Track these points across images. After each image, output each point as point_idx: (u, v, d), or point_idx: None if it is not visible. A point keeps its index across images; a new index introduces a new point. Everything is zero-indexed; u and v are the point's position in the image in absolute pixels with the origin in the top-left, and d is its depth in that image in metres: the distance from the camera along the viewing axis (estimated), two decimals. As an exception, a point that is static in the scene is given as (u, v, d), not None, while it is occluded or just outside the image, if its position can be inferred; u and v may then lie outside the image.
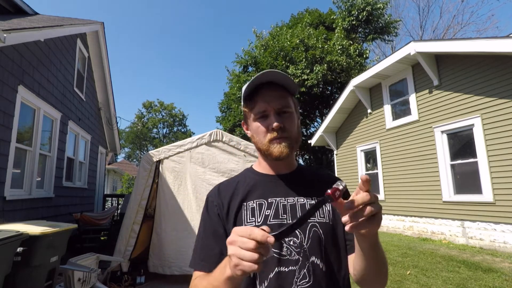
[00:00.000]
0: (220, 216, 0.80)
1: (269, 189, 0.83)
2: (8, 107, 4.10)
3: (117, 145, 11.41)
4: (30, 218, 4.66)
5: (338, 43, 13.48)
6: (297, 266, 0.73)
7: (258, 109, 0.80)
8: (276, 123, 0.77)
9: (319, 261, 0.75)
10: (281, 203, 0.80)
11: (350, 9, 15.08)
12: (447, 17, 38.40)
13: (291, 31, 15.20)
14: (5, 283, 2.41)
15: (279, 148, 0.78)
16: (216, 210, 0.81)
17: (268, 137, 0.79)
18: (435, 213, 6.84)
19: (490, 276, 3.97)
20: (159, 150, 4.38)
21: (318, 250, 0.75)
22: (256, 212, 0.79)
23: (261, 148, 0.82)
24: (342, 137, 10.52)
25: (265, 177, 0.86)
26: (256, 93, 0.81)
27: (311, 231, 0.77)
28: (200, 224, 0.84)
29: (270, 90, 0.81)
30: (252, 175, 0.88)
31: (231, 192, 0.84)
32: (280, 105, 0.80)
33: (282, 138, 0.79)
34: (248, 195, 0.82)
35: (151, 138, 44.70)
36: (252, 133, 0.85)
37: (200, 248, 0.79)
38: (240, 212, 0.80)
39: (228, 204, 0.81)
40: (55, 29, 4.91)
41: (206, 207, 0.85)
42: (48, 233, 2.73)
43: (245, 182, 0.86)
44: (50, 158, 5.68)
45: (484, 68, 5.92)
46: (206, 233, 0.80)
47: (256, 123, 0.82)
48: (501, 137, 5.57)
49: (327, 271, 0.75)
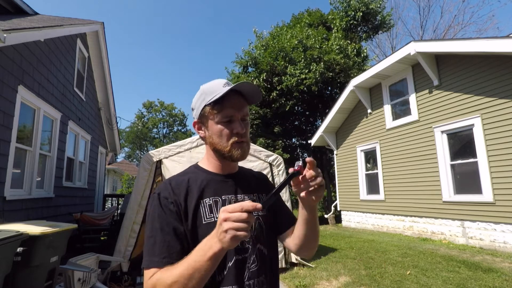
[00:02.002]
0: (178, 214, 0.81)
1: (221, 188, 0.90)
2: (8, 107, 4.10)
3: (117, 145, 11.41)
4: (30, 218, 4.67)
5: (336, 43, 13.50)
6: (248, 253, 0.84)
7: (226, 114, 0.86)
8: (241, 129, 0.86)
9: (262, 247, 0.88)
10: (233, 200, 0.89)
11: (346, 9, 15.15)
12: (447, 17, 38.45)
13: (291, 32, 15.20)
14: (5, 283, 2.41)
15: (240, 151, 0.87)
16: (173, 207, 0.81)
17: (231, 140, 0.86)
18: (435, 213, 6.84)
19: (490, 276, 3.97)
20: (159, 150, 4.38)
21: (261, 238, 0.89)
22: (213, 209, 0.85)
23: (221, 150, 0.88)
24: (342, 137, 10.51)
25: (217, 176, 0.92)
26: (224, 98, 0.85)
27: (256, 223, 0.89)
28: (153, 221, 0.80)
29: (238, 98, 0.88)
30: (204, 174, 0.93)
31: (184, 189, 0.86)
32: (245, 113, 0.89)
33: (242, 142, 0.87)
34: (204, 192, 0.87)
35: (151, 138, 44.71)
36: (210, 134, 0.90)
37: (160, 245, 0.76)
38: (199, 209, 0.83)
39: (184, 201, 0.83)
40: (55, 29, 4.91)
41: (159, 204, 0.82)
42: (48, 233, 2.73)
43: (197, 180, 0.89)
44: (50, 158, 5.68)
45: (484, 68, 5.92)
46: (164, 230, 0.78)
47: (219, 126, 0.87)
48: (501, 137, 5.57)
49: (269, 254, 0.90)
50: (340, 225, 10.46)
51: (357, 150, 9.62)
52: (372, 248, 5.92)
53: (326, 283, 3.96)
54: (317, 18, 16.61)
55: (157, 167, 4.31)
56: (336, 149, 10.81)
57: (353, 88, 9.01)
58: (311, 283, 3.96)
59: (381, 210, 8.46)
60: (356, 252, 5.67)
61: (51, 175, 5.69)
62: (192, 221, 0.81)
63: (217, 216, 0.80)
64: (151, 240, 0.78)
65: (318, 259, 5.18)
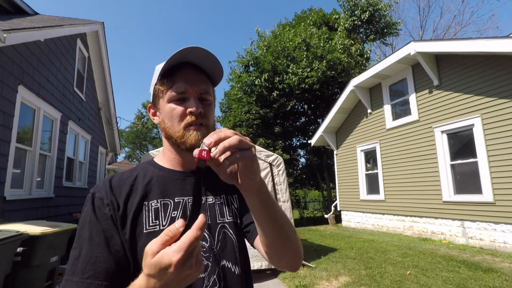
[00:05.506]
0: (114, 219, 0.64)
1: (175, 187, 0.71)
2: (8, 107, 4.10)
3: (117, 145, 11.42)
4: (30, 218, 4.67)
5: (340, 42, 13.49)
6: (206, 273, 0.65)
7: (177, 89, 0.69)
8: (196, 107, 0.67)
9: (231, 265, 0.68)
10: (189, 203, 0.69)
11: (353, 9, 15.13)
12: (447, 17, 38.46)
13: (294, 31, 15.19)
14: (5, 283, 2.41)
15: (196, 135, 0.67)
16: (108, 210, 0.64)
17: (184, 121, 0.68)
18: (435, 213, 6.84)
19: (490, 276, 3.97)
20: (159, 150, 4.38)
21: (230, 252, 0.69)
22: (160, 214, 0.67)
23: (172, 136, 0.69)
24: (342, 137, 10.51)
25: (171, 173, 0.74)
26: (176, 71, 0.70)
27: (220, 232, 0.70)
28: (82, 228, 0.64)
29: (193, 71, 0.71)
30: (155, 170, 0.74)
31: (127, 188, 0.69)
32: (203, 90, 0.71)
33: (200, 125, 0.69)
34: (151, 193, 0.69)
35: (151, 138, 44.72)
36: (162, 117, 0.72)
37: (85, 261, 0.59)
38: (141, 214, 0.66)
39: (124, 203, 0.66)
40: (55, 29, 4.91)
41: (92, 206, 0.65)
42: (48, 233, 2.73)
43: (145, 178, 0.72)
44: (50, 158, 5.68)
45: (484, 68, 5.92)
46: (93, 241, 0.61)
47: (170, 105, 0.69)
48: (501, 137, 5.57)
49: (242, 274, 0.69)
50: (340, 225, 10.46)
51: (357, 150, 9.62)
52: (372, 248, 5.92)
53: (326, 283, 3.96)
54: (320, 17, 16.61)
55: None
56: (336, 149, 10.80)
57: (353, 88, 9.01)
58: (311, 283, 3.96)
59: (381, 210, 8.46)
60: (356, 252, 5.67)
61: (51, 175, 5.69)
62: (131, 229, 0.64)
63: (164, 223, 0.66)
64: (74, 252, 0.61)
65: (318, 259, 5.18)
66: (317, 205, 18.18)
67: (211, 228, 0.71)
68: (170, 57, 0.67)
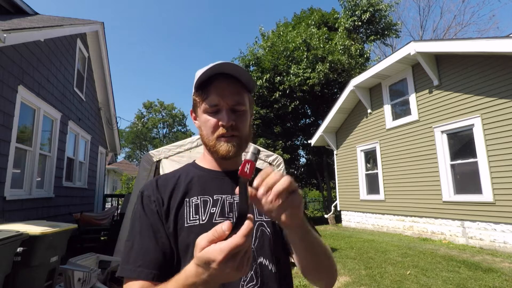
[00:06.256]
0: (159, 214, 0.71)
1: (214, 186, 0.76)
2: (8, 107, 4.10)
3: (117, 145, 11.42)
4: (30, 218, 4.67)
5: (340, 42, 13.47)
6: None
7: (210, 102, 0.73)
8: (227, 120, 0.71)
9: (267, 262, 0.70)
10: (228, 201, 0.74)
11: (354, 9, 15.11)
12: (447, 17, 38.48)
13: (295, 31, 15.18)
14: (5, 283, 2.41)
15: (226, 147, 0.72)
16: (154, 206, 0.71)
17: (216, 133, 0.73)
18: (435, 213, 6.84)
19: (490, 276, 3.97)
20: (159, 150, 4.38)
21: (267, 250, 0.71)
22: (200, 209, 0.72)
23: (207, 144, 0.76)
24: (342, 137, 10.51)
25: (211, 173, 0.79)
26: (210, 83, 0.73)
27: (258, 230, 0.72)
28: (134, 223, 0.72)
29: (226, 83, 0.73)
30: (196, 170, 0.81)
31: (171, 187, 0.75)
32: (235, 101, 0.73)
33: (231, 136, 0.73)
34: (192, 190, 0.75)
35: (151, 138, 44.72)
36: (199, 125, 0.78)
37: (136, 251, 0.67)
38: (182, 209, 0.72)
39: (168, 199, 0.72)
40: (55, 29, 4.91)
41: (141, 203, 0.73)
42: (48, 233, 2.73)
43: (187, 177, 0.78)
44: (50, 158, 5.68)
45: (484, 68, 5.92)
46: (143, 234, 0.69)
47: (205, 116, 0.75)
48: (501, 137, 5.57)
49: (277, 272, 0.71)
50: (340, 225, 10.46)
51: (357, 150, 9.62)
52: (372, 248, 5.92)
53: (326, 283, 3.95)
54: (319, 17, 16.60)
55: (157, 167, 4.31)
56: (336, 149, 10.81)
57: (353, 88, 9.01)
58: (311, 283, 3.96)
59: (381, 210, 8.46)
60: (356, 252, 5.67)
61: (51, 175, 5.69)
62: (174, 223, 0.70)
63: (203, 219, 0.70)
64: (128, 244, 0.69)
65: (318, 259, 5.17)
66: (317, 205, 18.19)
67: None
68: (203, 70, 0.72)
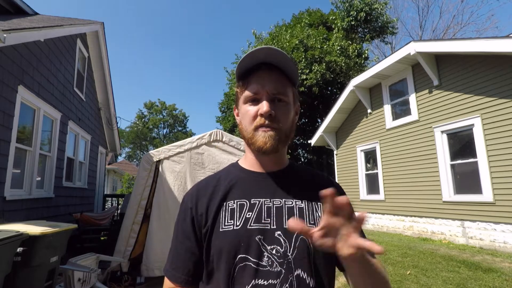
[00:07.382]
0: (195, 221, 0.70)
1: (253, 188, 0.72)
2: (8, 107, 4.10)
3: (117, 145, 11.41)
4: (30, 218, 4.66)
5: (337, 43, 13.49)
6: (278, 280, 0.62)
7: (250, 91, 0.70)
8: (266, 109, 0.67)
9: (305, 275, 0.63)
10: (266, 205, 0.69)
11: (348, 9, 15.12)
12: (446, 17, 38.43)
13: (291, 31, 15.21)
14: (5, 283, 2.41)
15: (264, 138, 0.67)
16: (189, 213, 0.72)
17: (254, 123, 0.69)
18: (435, 213, 6.84)
19: (490, 276, 3.97)
20: (159, 150, 4.37)
21: (306, 262, 0.64)
22: (235, 214, 0.68)
23: (245, 136, 0.72)
24: (342, 137, 10.51)
25: (250, 174, 0.75)
26: (252, 72, 0.71)
27: (297, 239, 0.66)
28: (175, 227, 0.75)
29: (268, 72, 0.70)
30: (236, 171, 0.77)
31: (210, 191, 0.73)
32: (276, 90, 0.69)
33: (270, 127, 0.68)
34: (229, 193, 0.71)
35: (151, 138, 44.71)
36: (240, 119, 0.75)
37: (172, 254, 0.73)
38: (219, 214, 0.69)
39: (206, 205, 0.71)
40: (55, 29, 4.91)
41: (181, 208, 0.75)
42: (48, 233, 2.73)
43: (227, 179, 0.75)
44: (50, 158, 5.68)
45: (484, 68, 5.92)
46: (178, 240, 0.73)
47: (245, 106, 0.71)
48: (501, 137, 5.57)
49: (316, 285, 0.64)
50: (340, 225, 10.44)
51: (357, 150, 9.62)
52: (372, 248, 5.91)
53: (326, 283, 3.95)
54: (317, 18, 16.62)
55: (157, 167, 4.31)
56: (336, 149, 10.81)
57: (353, 88, 9.01)
58: (311, 283, 3.96)
59: (381, 210, 8.46)
60: (356, 252, 5.67)
61: (51, 175, 5.69)
62: (211, 227, 0.68)
63: (237, 224, 0.66)
64: (171, 246, 0.75)
65: (318, 259, 5.17)
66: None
67: (287, 232, 0.66)
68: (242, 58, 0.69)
